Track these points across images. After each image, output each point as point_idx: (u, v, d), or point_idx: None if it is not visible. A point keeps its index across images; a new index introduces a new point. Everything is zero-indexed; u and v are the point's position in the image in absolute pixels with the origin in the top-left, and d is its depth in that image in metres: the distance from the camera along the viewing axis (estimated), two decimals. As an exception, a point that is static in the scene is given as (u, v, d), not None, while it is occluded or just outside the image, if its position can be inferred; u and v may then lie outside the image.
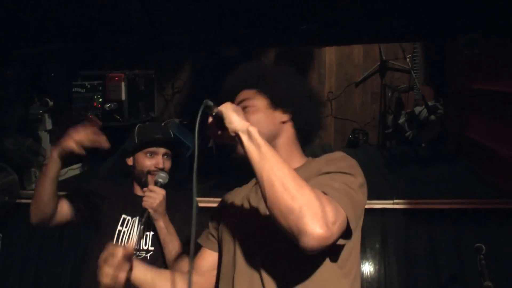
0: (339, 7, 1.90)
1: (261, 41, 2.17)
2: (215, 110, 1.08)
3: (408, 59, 3.75)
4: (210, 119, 1.11)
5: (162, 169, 1.76)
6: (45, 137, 2.98)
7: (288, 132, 1.28)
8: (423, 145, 3.75)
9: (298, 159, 1.28)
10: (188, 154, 3.30)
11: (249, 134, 1.02)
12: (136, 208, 1.74)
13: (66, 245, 2.64)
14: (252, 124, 1.05)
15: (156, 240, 1.72)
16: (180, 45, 2.40)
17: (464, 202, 2.41)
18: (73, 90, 2.90)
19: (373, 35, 2.37)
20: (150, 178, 1.74)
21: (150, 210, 1.64)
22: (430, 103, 3.49)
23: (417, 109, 3.61)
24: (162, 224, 1.68)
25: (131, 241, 1.70)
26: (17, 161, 2.72)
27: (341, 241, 0.98)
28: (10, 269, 2.58)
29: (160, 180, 1.71)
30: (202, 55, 4.03)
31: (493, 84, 2.76)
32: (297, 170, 1.15)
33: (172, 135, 1.95)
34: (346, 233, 0.98)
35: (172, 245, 1.67)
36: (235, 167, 1.34)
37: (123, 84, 2.94)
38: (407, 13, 1.94)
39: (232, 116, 1.05)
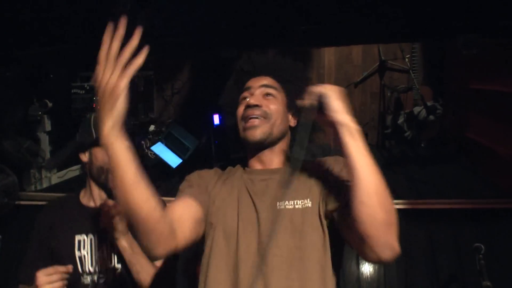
0: (339, 7, 1.90)
1: (261, 42, 2.17)
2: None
3: (407, 59, 3.75)
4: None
5: None
6: (44, 138, 2.98)
7: (289, 136, 1.32)
8: (422, 145, 3.75)
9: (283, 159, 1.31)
10: (187, 156, 3.30)
11: (351, 131, 0.99)
12: (87, 222, 1.57)
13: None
14: (272, 113, 1.15)
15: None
16: (179, 46, 2.40)
17: (464, 202, 2.41)
18: (72, 91, 2.89)
19: (372, 35, 2.38)
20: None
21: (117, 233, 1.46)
22: (429, 103, 3.49)
23: (416, 109, 3.61)
24: (125, 243, 1.49)
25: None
26: (16, 162, 2.72)
27: None
28: (10, 270, 2.57)
29: None
30: (202, 56, 4.03)
31: (492, 84, 2.76)
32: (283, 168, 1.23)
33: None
34: None
35: (139, 265, 1.49)
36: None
37: (122, 85, 2.93)
38: (406, 13, 1.95)
39: (337, 105, 1.02)
